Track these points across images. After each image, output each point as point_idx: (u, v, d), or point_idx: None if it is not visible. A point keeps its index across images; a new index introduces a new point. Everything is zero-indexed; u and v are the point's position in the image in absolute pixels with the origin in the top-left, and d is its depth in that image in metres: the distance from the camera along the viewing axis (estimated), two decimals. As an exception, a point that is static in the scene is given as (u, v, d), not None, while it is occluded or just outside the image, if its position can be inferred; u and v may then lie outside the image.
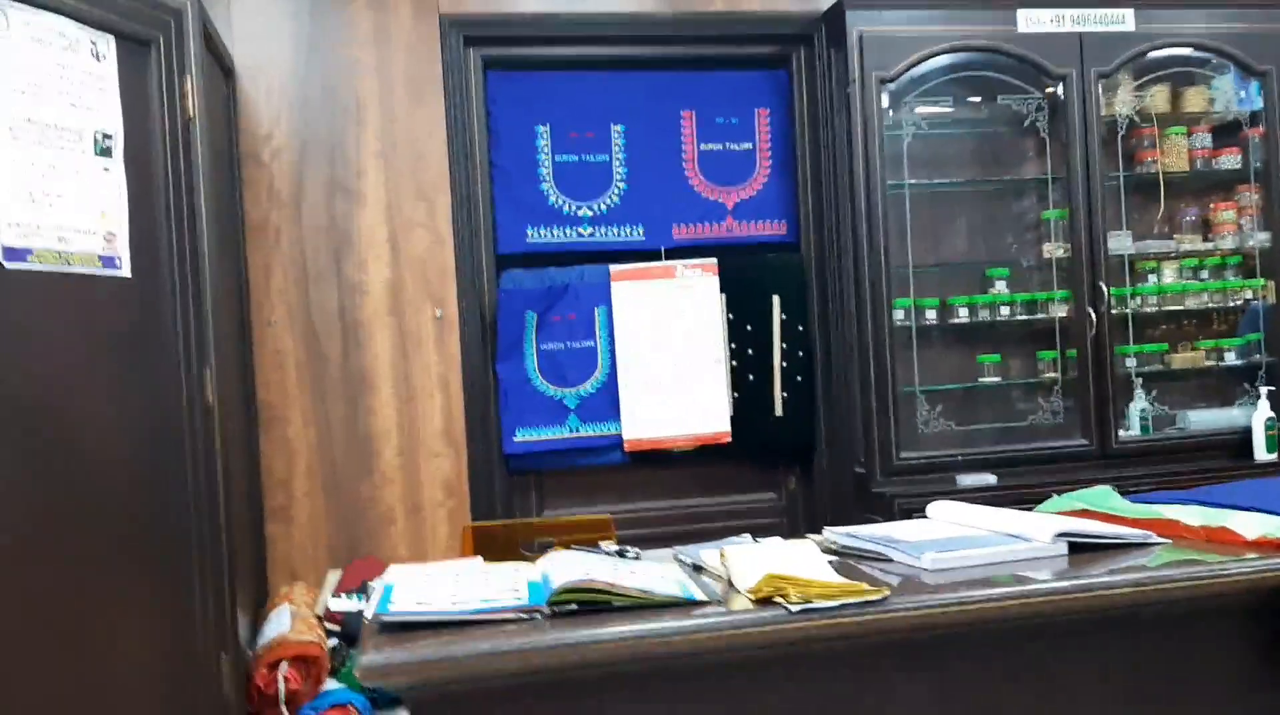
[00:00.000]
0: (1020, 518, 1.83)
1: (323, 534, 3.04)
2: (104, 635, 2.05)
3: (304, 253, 3.00)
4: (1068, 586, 1.60)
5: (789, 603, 1.50)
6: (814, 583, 1.56)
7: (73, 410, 2.03)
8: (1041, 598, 1.58)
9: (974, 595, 1.57)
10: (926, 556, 1.69)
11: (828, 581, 1.57)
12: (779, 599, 1.52)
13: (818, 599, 1.52)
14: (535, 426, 3.14)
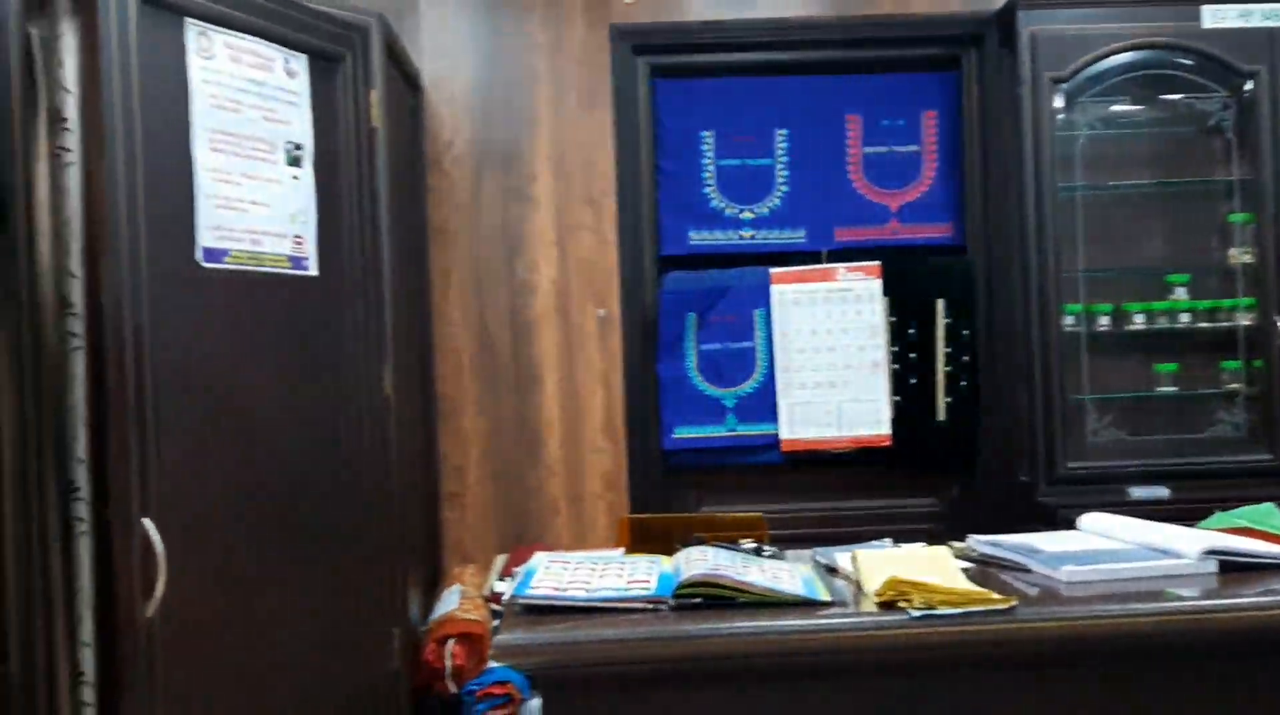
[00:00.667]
0: (1172, 533, 1.78)
1: (492, 519, 3.20)
2: (285, 607, 2.24)
3: (479, 254, 3.17)
4: (1209, 606, 1.55)
5: (911, 607, 1.52)
6: (939, 589, 1.56)
7: (262, 395, 2.22)
8: (1180, 616, 1.54)
9: (1107, 610, 1.54)
10: (1064, 568, 1.67)
11: (953, 588, 1.57)
12: (902, 603, 1.54)
13: (941, 605, 1.53)
14: (694, 424, 3.21)
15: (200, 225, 2.08)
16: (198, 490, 2.05)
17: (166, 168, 2.01)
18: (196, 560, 2.03)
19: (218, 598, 2.09)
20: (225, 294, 2.14)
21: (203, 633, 2.04)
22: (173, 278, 2.01)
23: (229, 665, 2.10)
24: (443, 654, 2.72)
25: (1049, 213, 2.93)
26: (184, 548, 1.99)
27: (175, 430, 2.01)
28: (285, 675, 2.22)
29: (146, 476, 1.93)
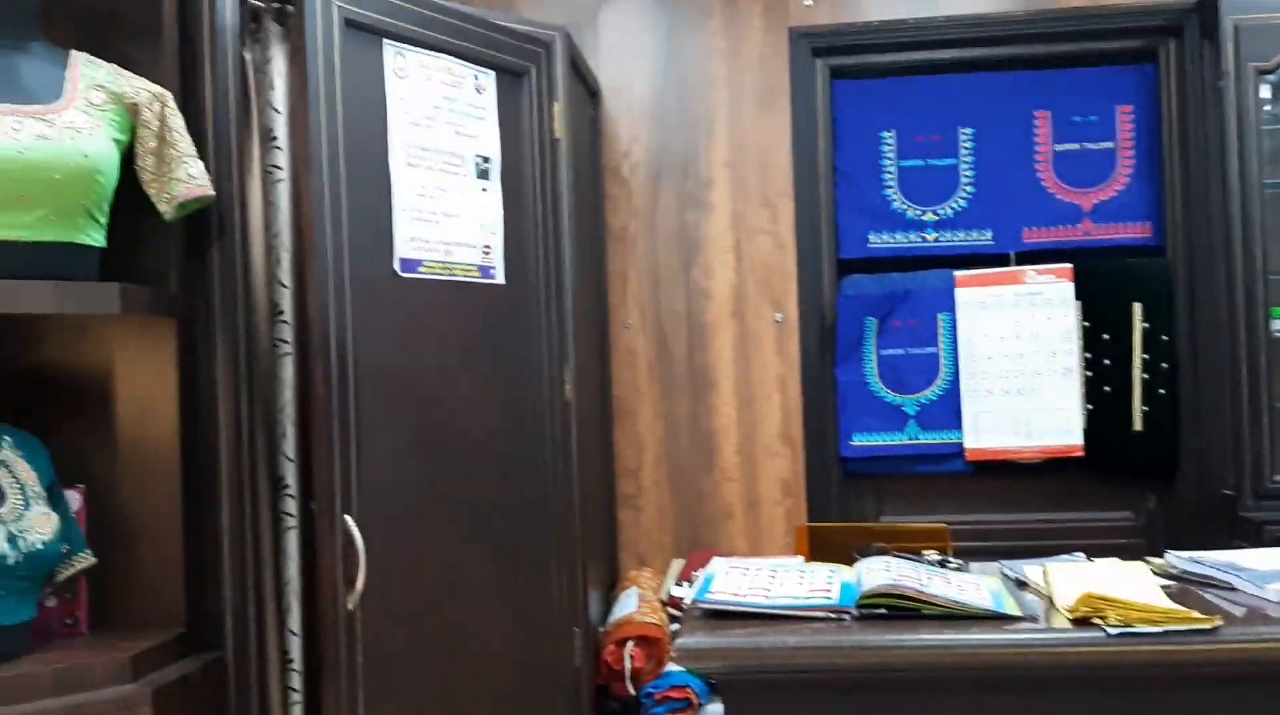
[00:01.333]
0: (1395, 554, 1.66)
1: (668, 523, 3.23)
2: (474, 602, 2.32)
3: (656, 259, 3.21)
4: None
5: (1107, 625, 1.47)
6: (1137, 606, 1.51)
7: (452, 399, 2.31)
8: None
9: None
10: (1272, 587, 1.59)
11: (1153, 606, 1.51)
12: (1097, 620, 1.49)
13: (1139, 623, 1.47)
14: (873, 431, 3.17)
15: (397, 237, 2.18)
16: (394, 489, 2.16)
17: (367, 182, 2.12)
18: (393, 556, 2.13)
19: (412, 592, 2.19)
20: (420, 302, 2.24)
21: (398, 624, 2.14)
22: (372, 286, 2.12)
23: (423, 655, 2.19)
24: (621, 655, 2.77)
25: (1255, 210, 2.77)
26: (381, 544, 2.10)
27: (374, 431, 2.11)
28: (474, 667, 2.31)
29: (348, 475, 2.04)
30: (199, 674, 1.94)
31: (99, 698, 1.74)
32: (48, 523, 1.84)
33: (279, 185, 2.19)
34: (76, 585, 1.99)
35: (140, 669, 1.83)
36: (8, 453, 1.86)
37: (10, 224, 1.74)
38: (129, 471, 2.02)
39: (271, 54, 2.18)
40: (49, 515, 1.85)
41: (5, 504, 1.79)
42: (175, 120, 1.94)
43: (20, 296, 1.70)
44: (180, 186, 1.92)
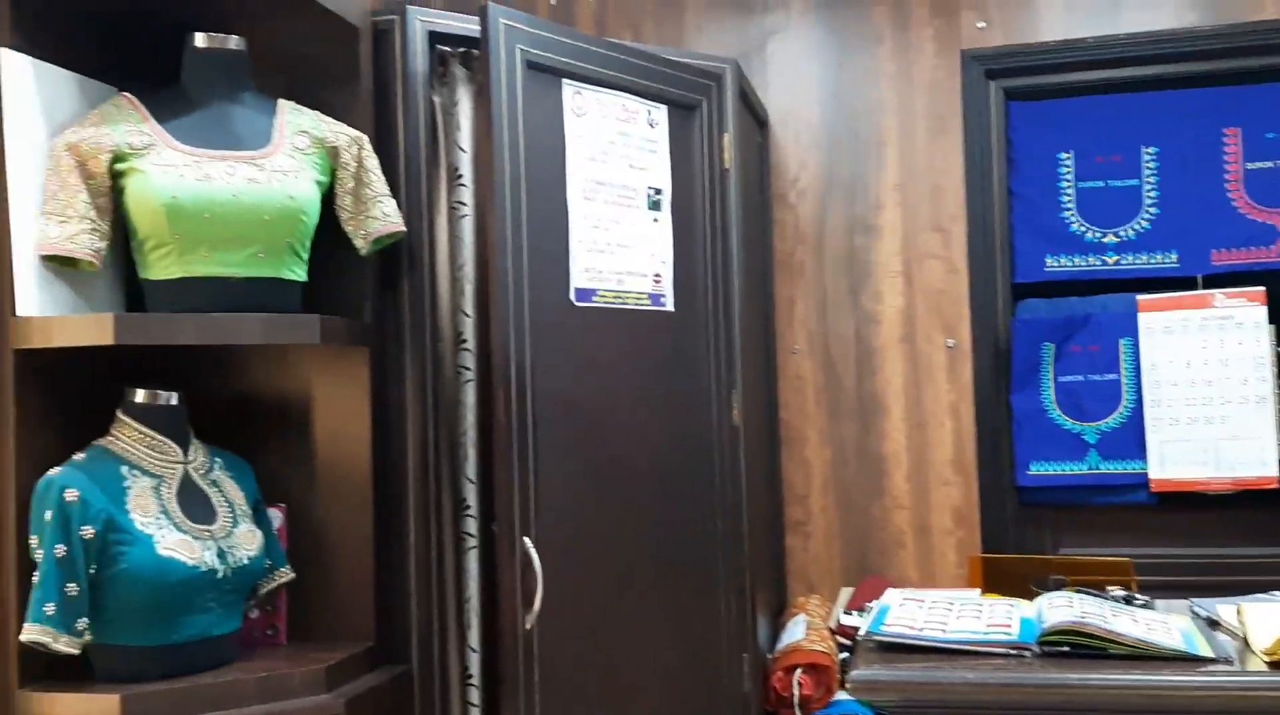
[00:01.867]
0: None
1: (836, 550, 3.21)
2: (642, 622, 2.37)
3: (824, 284, 3.20)
4: None
5: (1309, 672, 1.40)
6: (1343, 653, 1.43)
7: (624, 424, 2.36)
8: None
9: None
10: None
11: (1360, 653, 1.44)
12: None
13: (1345, 671, 1.40)
14: (1051, 460, 3.08)
15: (573, 267, 2.25)
16: (569, 513, 2.22)
17: (545, 216, 2.20)
18: (567, 578, 2.19)
19: (585, 613, 2.24)
20: (593, 329, 2.30)
21: (572, 644, 2.20)
22: (550, 315, 2.20)
23: (596, 674, 2.24)
24: (790, 682, 2.76)
25: None
26: (557, 566, 2.16)
27: (551, 456, 2.18)
28: (645, 688, 2.35)
29: (527, 498, 2.12)
30: (387, 686, 2.05)
31: (298, 706, 1.85)
32: (254, 539, 1.97)
33: (463, 221, 2.30)
34: (277, 598, 2.13)
35: (334, 680, 1.94)
36: (218, 473, 2.01)
37: (224, 262, 1.88)
38: (326, 491, 2.15)
39: (458, 96, 2.29)
40: (254, 532, 1.99)
41: (216, 521, 1.93)
42: (371, 161, 2.06)
43: (233, 329, 1.84)
44: (376, 224, 2.04)
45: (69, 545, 1.72)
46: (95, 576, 1.76)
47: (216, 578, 1.87)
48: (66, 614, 1.72)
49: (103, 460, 1.84)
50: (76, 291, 1.88)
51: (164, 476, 1.89)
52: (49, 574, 1.72)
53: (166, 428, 1.91)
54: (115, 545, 1.77)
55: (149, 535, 1.80)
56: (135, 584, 1.77)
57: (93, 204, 1.82)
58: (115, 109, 1.89)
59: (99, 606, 1.78)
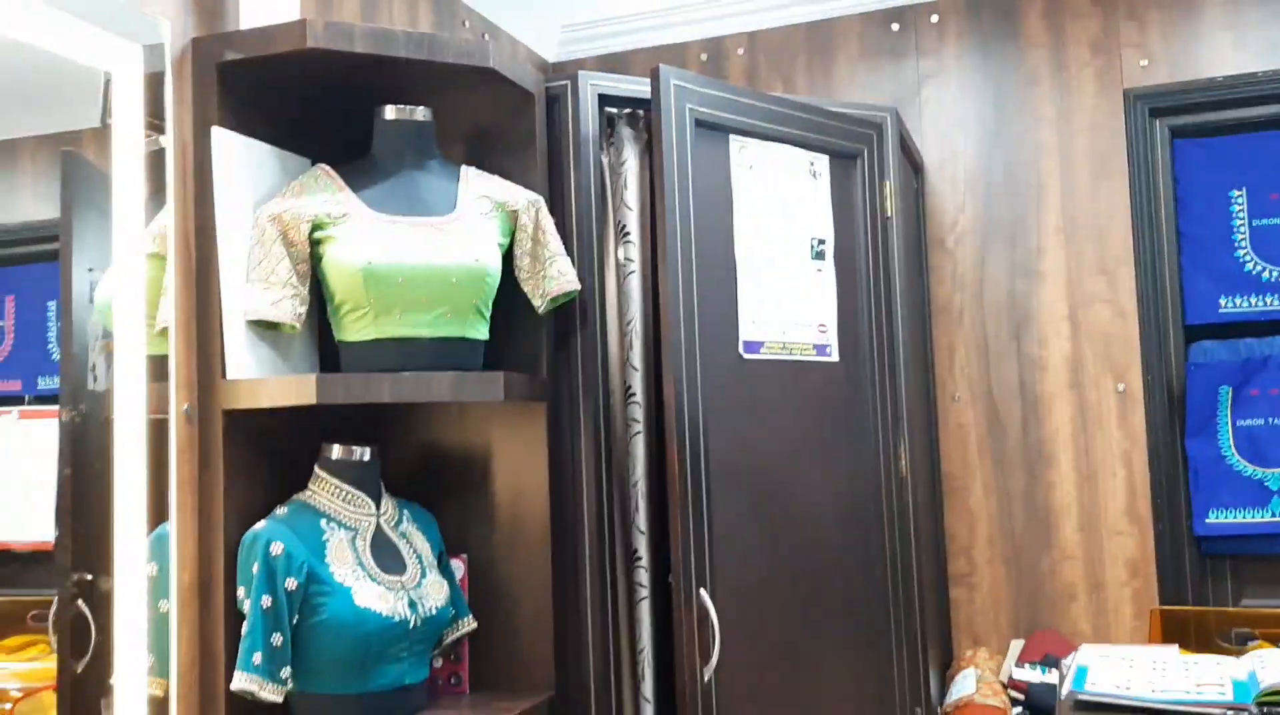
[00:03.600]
0: None
1: (1003, 602, 3.13)
2: (815, 675, 2.34)
3: (985, 330, 3.15)
4: None
5: None
6: None
7: (792, 475, 2.36)
8: None
9: None
10: None
11: None
12: None
13: None
14: (1231, 507, 2.95)
15: (742, 320, 2.27)
16: (741, 565, 2.22)
17: (714, 269, 2.23)
18: (741, 630, 2.19)
19: (760, 665, 2.23)
20: (761, 381, 2.31)
21: (749, 697, 2.19)
22: (719, 368, 2.22)
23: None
24: (963, 738, 2.69)
25: None
26: (731, 618, 2.16)
27: (723, 508, 2.19)
28: (820, 745, 2.33)
29: (702, 551, 2.13)
30: (568, 737, 2.07)
31: (487, 755, 1.89)
32: (440, 590, 2.03)
33: (631, 277, 2.35)
34: (460, 647, 2.18)
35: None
36: (407, 526, 2.07)
37: (414, 323, 1.95)
38: (505, 542, 2.20)
39: (624, 155, 2.34)
40: (441, 583, 2.04)
41: (406, 572, 1.99)
42: (547, 222, 2.12)
43: (425, 387, 1.91)
44: (553, 283, 2.10)
45: (274, 597, 1.80)
46: (296, 626, 1.84)
47: (408, 628, 1.92)
48: (272, 663, 1.80)
49: (303, 514, 1.92)
50: (276, 352, 1.98)
51: (358, 529, 1.96)
52: (256, 625, 1.79)
53: (360, 482, 1.99)
54: (316, 596, 1.84)
55: (347, 587, 1.86)
56: (335, 634, 1.84)
57: (294, 270, 1.92)
58: (313, 180, 2.00)
59: (300, 656, 1.85)
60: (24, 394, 3.27)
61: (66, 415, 2.16)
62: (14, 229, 3.13)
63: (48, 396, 2.83)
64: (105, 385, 2.13)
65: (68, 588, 2.10)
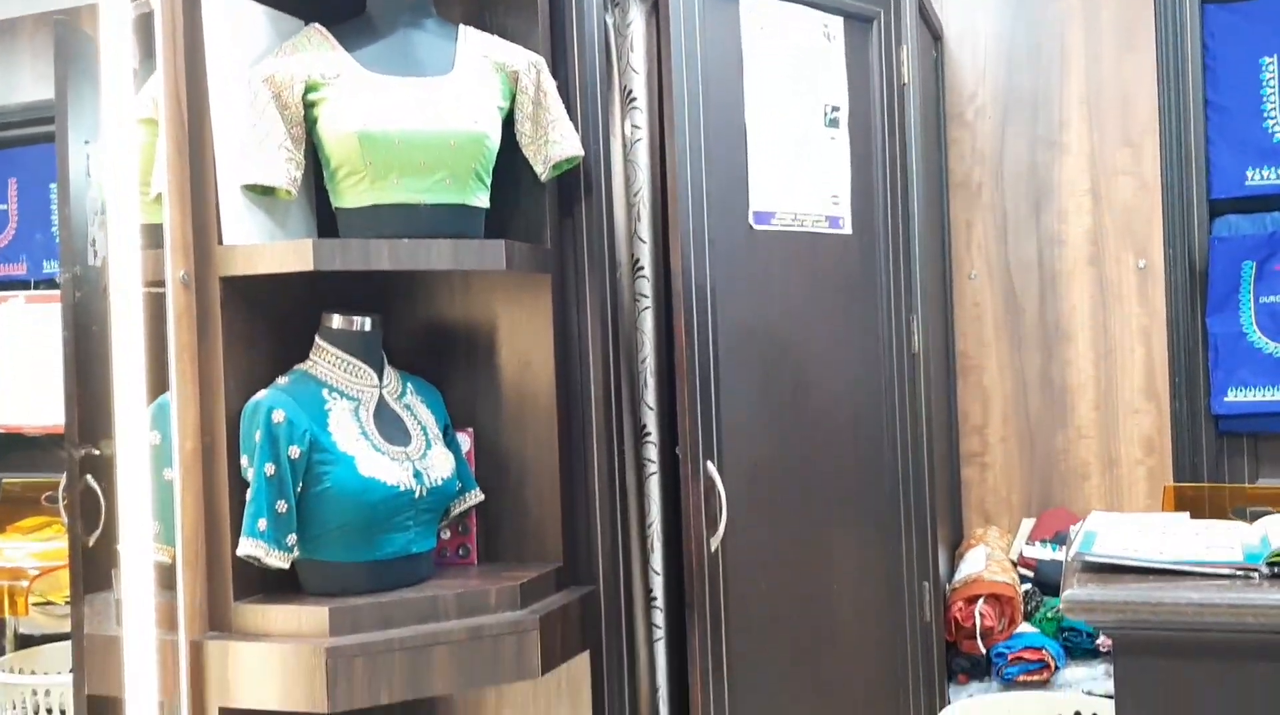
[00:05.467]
0: None
1: (1015, 481, 3.11)
2: (824, 548, 2.35)
3: (1003, 206, 3.08)
4: None
5: None
6: None
7: (803, 350, 2.33)
8: None
9: None
10: None
11: None
12: None
13: None
14: (1250, 385, 2.90)
15: (752, 189, 2.21)
16: (750, 438, 2.21)
17: (723, 138, 2.16)
18: (750, 502, 2.19)
19: (768, 537, 2.23)
20: (772, 253, 2.26)
21: (756, 568, 2.20)
22: (729, 240, 2.17)
23: (780, 597, 2.24)
24: (971, 613, 2.70)
25: None
26: (739, 491, 2.15)
27: (732, 382, 2.17)
28: (828, 611, 2.34)
29: (710, 424, 2.11)
30: (576, 605, 2.08)
31: (494, 620, 1.90)
32: (446, 462, 2.02)
33: (638, 144, 2.28)
34: (468, 519, 2.18)
35: (527, 597, 1.98)
36: (410, 398, 2.06)
37: (412, 188, 1.91)
38: (511, 417, 2.19)
39: (631, 17, 2.26)
40: (447, 455, 2.03)
41: (411, 444, 1.98)
42: (549, 84, 2.06)
43: (424, 254, 1.87)
44: (555, 148, 2.04)
45: (278, 464, 1.79)
46: (302, 495, 1.83)
47: (414, 498, 1.92)
48: (278, 530, 1.80)
49: (304, 383, 1.90)
50: (272, 220, 1.95)
51: (361, 399, 1.95)
52: (260, 492, 1.79)
53: (362, 352, 1.97)
54: (320, 465, 1.83)
55: (350, 456, 1.86)
56: (339, 503, 1.84)
57: (288, 134, 1.87)
58: (306, 40, 1.93)
59: (305, 524, 1.85)
60: (29, 278, 3.25)
61: (67, 289, 2.14)
62: (14, 110, 3.07)
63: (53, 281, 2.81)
64: (105, 258, 2.11)
65: (76, 462, 2.10)
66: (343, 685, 1.74)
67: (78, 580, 2.10)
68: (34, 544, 2.92)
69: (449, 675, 1.84)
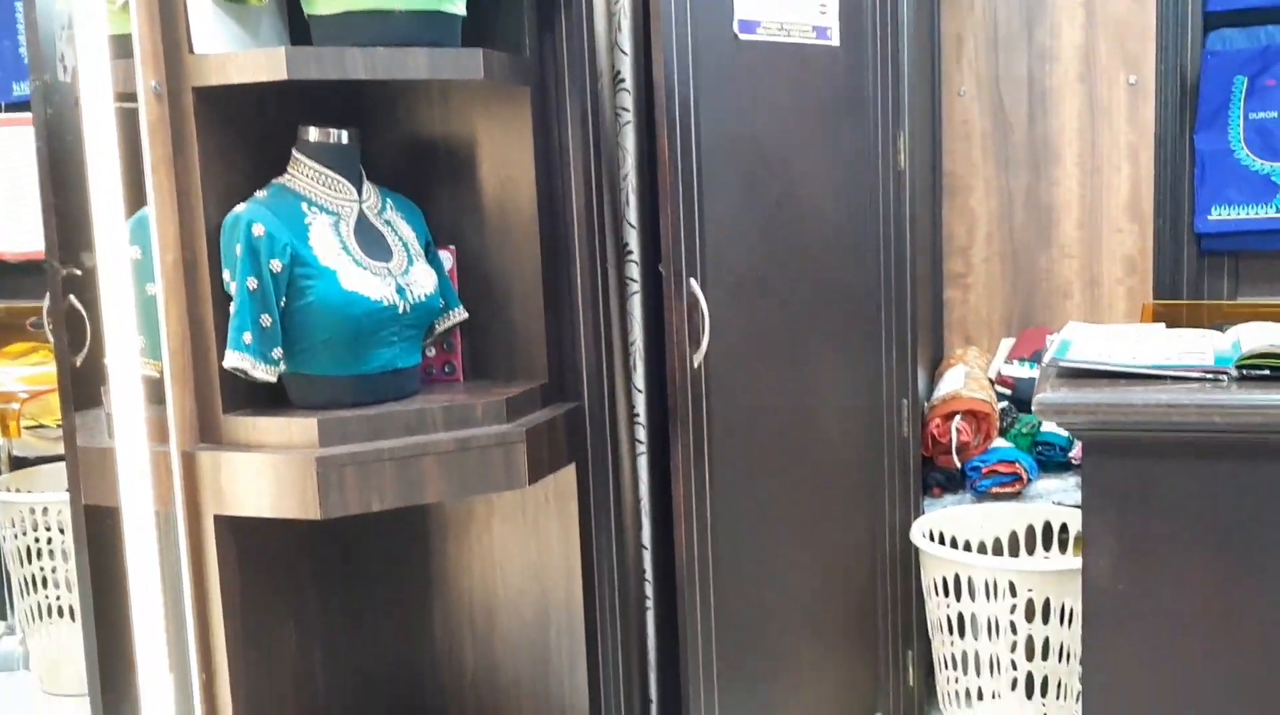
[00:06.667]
0: None
1: (997, 302, 3.14)
2: (810, 360, 2.38)
3: (995, 18, 3.00)
4: None
5: None
6: None
7: (789, 165, 2.31)
8: None
9: None
10: None
11: None
12: None
13: None
14: (1234, 203, 2.90)
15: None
16: (736, 255, 2.21)
17: (706, -62, 2.08)
18: (734, 319, 2.20)
19: (752, 354, 2.26)
20: (757, 66, 2.22)
21: (739, 383, 2.23)
22: (712, 50, 2.12)
23: (763, 412, 2.29)
24: (948, 429, 2.77)
25: None
26: (723, 307, 2.17)
27: (717, 197, 2.15)
28: (811, 427, 2.39)
29: (693, 239, 2.10)
30: (561, 420, 2.11)
31: (481, 433, 1.93)
32: (429, 278, 2.02)
33: (618, -51, 2.20)
34: (452, 337, 2.19)
35: (514, 411, 2.01)
36: (391, 214, 2.04)
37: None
38: (493, 234, 2.17)
39: None
40: (429, 272, 2.03)
41: (393, 259, 1.97)
42: (524, -119, 1.97)
43: (400, 62, 1.82)
44: (533, -50, 1.97)
45: (260, 278, 1.79)
46: (285, 310, 1.84)
47: (397, 313, 1.92)
48: (263, 343, 1.81)
49: (283, 197, 1.88)
50: (244, 29, 1.89)
51: (341, 214, 1.93)
52: (244, 305, 1.79)
53: (340, 166, 1.94)
54: (302, 279, 1.83)
55: (332, 270, 1.85)
56: (323, 317, 1.84)
57: (255, -65, 1.79)
58: None
59: (291, 339, 1.86)
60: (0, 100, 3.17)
61: (38, 100, 2.08)
62: (-28, -77, 2.93)
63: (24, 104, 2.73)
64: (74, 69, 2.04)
65: (59, 281, 2.09)
66: (334, 493, 1.78)
67: (67, 397, 2.11)
68: (22, 368, 2.95)
69: (438, 484, 1.88)
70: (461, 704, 2.38)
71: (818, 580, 2.45)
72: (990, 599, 2.34)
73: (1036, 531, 2.65)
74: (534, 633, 2.30)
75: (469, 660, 2.36)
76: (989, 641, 2.37)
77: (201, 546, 1.87)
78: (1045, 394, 1.48)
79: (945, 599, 2.43)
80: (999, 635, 2.35)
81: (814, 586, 2.44)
